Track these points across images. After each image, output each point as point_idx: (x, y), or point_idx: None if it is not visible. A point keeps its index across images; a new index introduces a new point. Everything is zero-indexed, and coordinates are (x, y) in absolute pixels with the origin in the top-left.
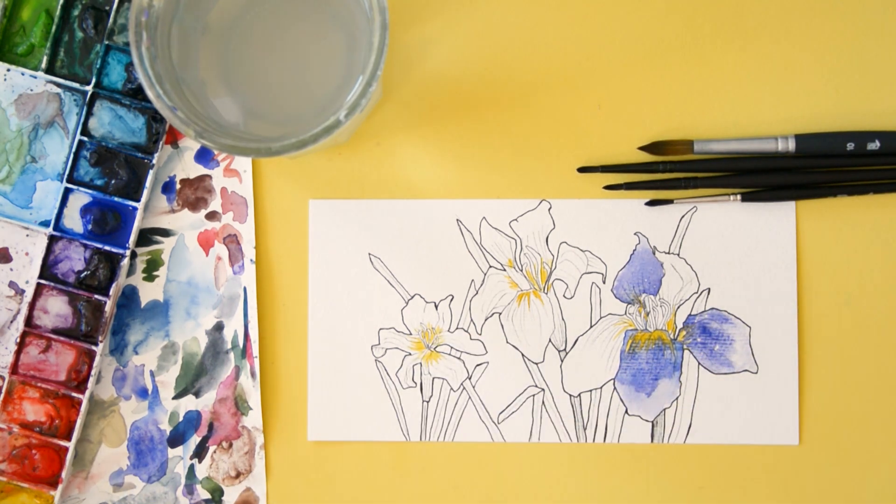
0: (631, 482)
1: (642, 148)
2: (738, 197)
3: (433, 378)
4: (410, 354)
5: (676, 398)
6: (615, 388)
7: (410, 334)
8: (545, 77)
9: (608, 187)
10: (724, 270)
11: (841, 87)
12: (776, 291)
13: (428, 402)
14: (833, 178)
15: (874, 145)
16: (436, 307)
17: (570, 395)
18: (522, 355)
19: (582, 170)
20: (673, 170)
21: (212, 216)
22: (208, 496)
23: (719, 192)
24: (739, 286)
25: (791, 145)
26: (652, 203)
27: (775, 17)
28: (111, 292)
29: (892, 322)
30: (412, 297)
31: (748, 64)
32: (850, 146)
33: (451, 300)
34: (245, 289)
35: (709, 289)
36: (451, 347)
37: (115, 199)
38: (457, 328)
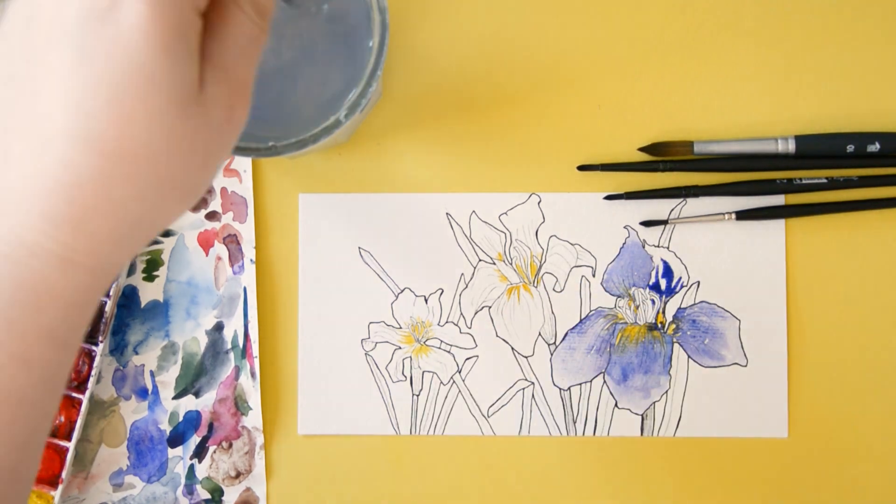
0: (621, 475)
1: (642, 149)
2: (734, 216)
3: (423, 372)
4: (400, 348)
5: (666, 391)
6: (605, 382)
7: (400, 328)
8: (545, 77)
9: (609, 197)
10: (714, 263)
11: (841, 88)
12: (766, 285)
13: (418, 395)
14: (830, 185)
15: (874, 147)
16: (425, 301)
17: (560, 389)
18: (512, 349)
19: (582, 168)
20: (673, 169)
21: (212, 216)
22: (208, 496)
23: (714, 214)
24: (729, 279)
25: (791, 146)
26: (647, 224)
27: (775, 18)
28: (111, 292)
29: (881, 318)
30: (402, 291)
31: (748, 64)
32: (850, 148)
33: (441, 294)
34: (245, 289)
35: (698, 282)
36: (441, 341)
37: None
38: (446, 322)
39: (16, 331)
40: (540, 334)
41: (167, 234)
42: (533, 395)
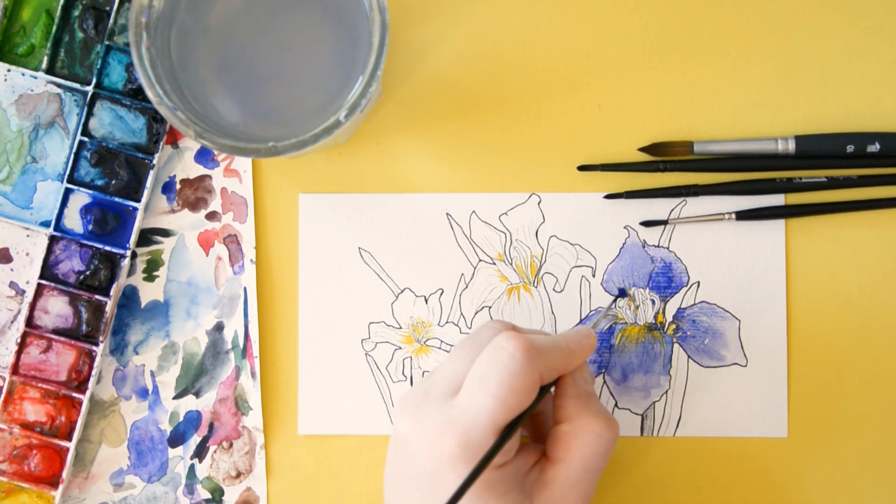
0: (620, 475)
1: (642, 149)
2: (734, 216)
3: (423, 372)
4: (400, 348)
5: (666, 391)
6: (605, 382)
7: (400, 328)
8: (545, 77)
9: (609, 196)
10: (714, 264)
11: (841, 88)
12: (766, 285)
13: None
14: (830, 184)
15: (874, 147)
16: (426, 301)
17: None
18: None
19: (582, 168)
20: (673, 169)
21: (212, 216)
22: (209, 496)
23: (714, 214)
24: (729, 280)
25: (791, 146)
26: (647, 224)
27: (775, 18)
28: (112, 292)
29: (881, 318)
30: (402, 291)
31: (748, 65)
32: (850, 148)
33: (441, 294)
34: (245, 289)
35: (698, 282)
36: (441, 341)
37: (116, 199)
38: (447, 322)
39: None
40: None
41: (167, 234)
42: None
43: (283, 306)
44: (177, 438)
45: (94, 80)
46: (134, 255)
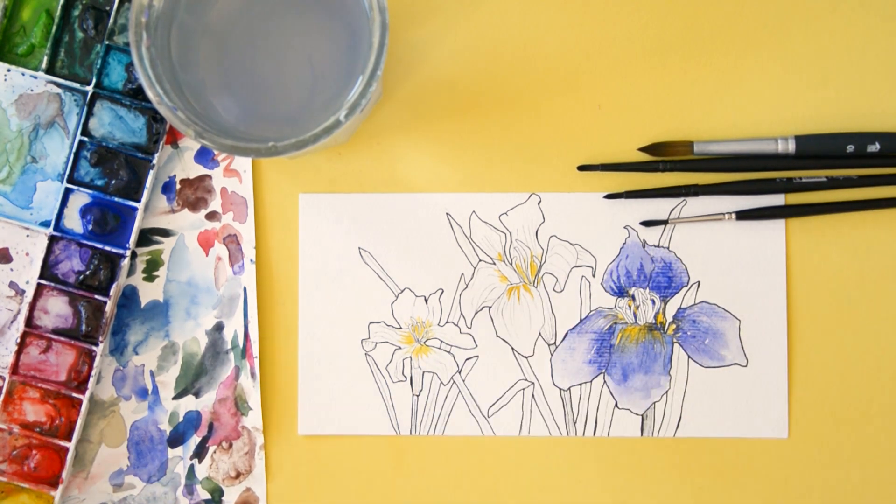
0: (621, 476)
1: (642, 149)
2: (734, 216)
3: (423, 372)
4: (400, 348)
5: (666, 392)
6: (605, 382)
7: (400, 328)
8: (545, 77)
9: (609, 196)
10: (715, 264)
11: (841, 88)
12: (766, 285)
13: (418, 395)
14: (830, 184)
15: (874, 147)
16: (426, 301)
17: (560, 389)
18: (512, 349)
19: (582, 168)
20: (673, 169)
21: (212, 216)
22: (208, 496)
23: (714, 214)
24: (729, 280)
25: (791, 146)
26: (647, 224)
27: (775, 18)
28: (111, 292)
29: (881, 317)
30: (402, 291)
31: (748, 65)
32: (850, 148)
33: (441, 294)
34: (245, 289)
35: (699, 282)
36: (441, 341)
37: (116, 199)
38: (447, 322)
39: None
40: (540, 334)
41: (167, 234)
42: (533, 396)
43: (283, 306)
44: (176, 439)
45: (94, 80)
46: (134, 255)
